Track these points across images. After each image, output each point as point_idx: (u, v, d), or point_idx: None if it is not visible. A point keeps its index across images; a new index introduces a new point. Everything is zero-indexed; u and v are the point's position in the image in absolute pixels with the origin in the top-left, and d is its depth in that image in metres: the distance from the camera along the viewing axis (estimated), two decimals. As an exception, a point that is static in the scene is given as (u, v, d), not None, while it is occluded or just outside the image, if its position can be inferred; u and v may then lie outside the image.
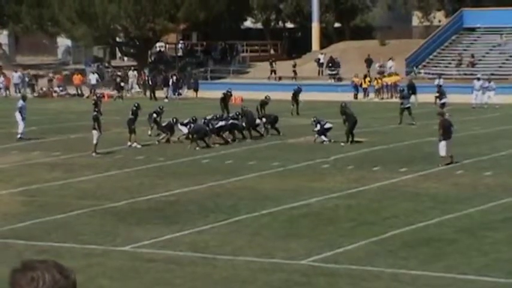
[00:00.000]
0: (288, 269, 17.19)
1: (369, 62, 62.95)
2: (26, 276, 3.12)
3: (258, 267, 17.32)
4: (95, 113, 34.01)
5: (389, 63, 62.01)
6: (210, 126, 34.24)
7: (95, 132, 31.94)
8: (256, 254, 18.18)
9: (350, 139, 34.02)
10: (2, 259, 17.72)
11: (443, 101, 46.75)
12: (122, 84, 60.38)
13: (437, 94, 48.63)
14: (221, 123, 35.01)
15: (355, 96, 56.58)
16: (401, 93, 44.45)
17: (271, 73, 65.71)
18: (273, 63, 65.92)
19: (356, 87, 57.45)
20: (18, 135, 36.42)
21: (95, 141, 31.78)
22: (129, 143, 34.14)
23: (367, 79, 57.76)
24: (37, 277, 3.11)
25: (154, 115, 36.46)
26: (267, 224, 21.09)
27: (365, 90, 57.44)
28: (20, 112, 36.87)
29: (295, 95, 46.61)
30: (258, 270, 17.16)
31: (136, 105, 35.78)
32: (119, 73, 63.84)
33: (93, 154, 31.59)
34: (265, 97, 42.14)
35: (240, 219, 21.55)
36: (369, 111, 46.89)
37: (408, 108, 41.25)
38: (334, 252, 18.33)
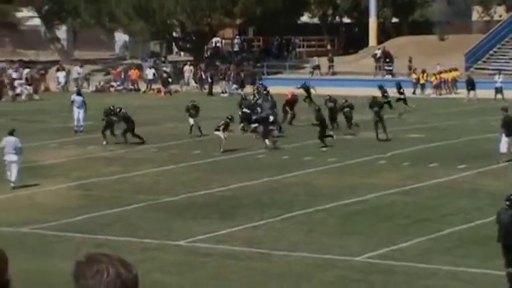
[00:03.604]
0: (343, 266, 17.08)
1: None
2: (91, 269, 3.14)
3: (313, 263, 17.24)
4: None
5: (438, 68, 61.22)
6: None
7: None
8: (311, 250, 18.09)
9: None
10: (60, 252, 17.92)
11: None
12: (170, 79, 60.58)
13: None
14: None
15: (414, 92, 56.08)
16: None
17: (329, 68, 65.48)
18: (332, 59, 65.76)
19: (414, 83, 56.96)
20: (75, 129, 36.92)
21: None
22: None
23: (425, 74, 57.19)
24: (101, 270, 3.14)
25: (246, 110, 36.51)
26: (323, 220, 20.98)
27: (422, 85, 56.90)
28: (77, 107, 37.36)
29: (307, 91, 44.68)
30: (314, 266, 17.09)
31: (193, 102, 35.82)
32: (166, 69, 64.05)
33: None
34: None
35: (295, 215, 21.48)
36: (426, 107, 46.42)
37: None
38: (390, 249, 18.16)
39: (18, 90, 55.00)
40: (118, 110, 34.29)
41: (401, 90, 44.67)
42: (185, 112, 35.34)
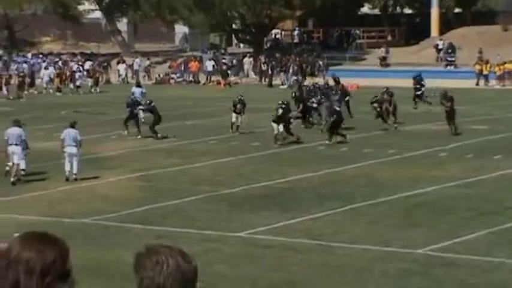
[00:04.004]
0: (405, 258, 16.87)
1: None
2: (151, 260, 3.13)
3: (374, 256, 17.06)
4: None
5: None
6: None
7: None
8: (372, 243, 17.91)
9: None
10: (120, 242, 18.02)
11: None
12: (229, 71, 60.63)
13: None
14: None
15: (477, 83, 55.34)
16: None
17: (383, 60, 64.91)
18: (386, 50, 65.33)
19: (478, 74, 56.20)
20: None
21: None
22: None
23: (488, 65, 56.35)
24: (161, 261, 3.12)
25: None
26: (384, 212, 20.76)
27: (486, 76, 56.08)
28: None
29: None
30: (375, 258, 16.90)
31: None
32: (225, 61, 64.14)
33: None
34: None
35: (356, 207, 21.30)
36: (490, 98, 45.74)
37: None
38: (452, 241, 17.89)
39: (78, 83, 55.59)
40: (149, 102, 34.30)
41: (422, 83, 42.30)
42: (232, 107, 34.10)
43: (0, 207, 21.89)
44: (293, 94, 37.72)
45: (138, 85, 39.63)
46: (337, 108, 32.72)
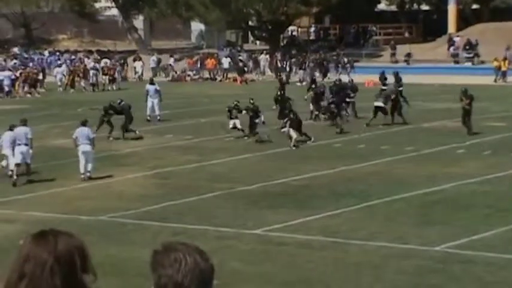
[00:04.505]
0: (422, 255, 16.81)
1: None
2: (169, 257, 3.12)
3: (390, 253, 17.01)
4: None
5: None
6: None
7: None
8: (389, 240, 17.85)
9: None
10: (137, 240, 18.05)
11: None
12: (245, 68, 60.61)
13: None
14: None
15: (495, 80, 55.11)
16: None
17: (391, 56, 64.78)
18: (394, 47, 65.25)
19: (496, 71, 55.94)
20: (147, 118, 37.10)
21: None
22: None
23: (506, 62, 56.09)
24: (179, 259, 3.12)
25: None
26: (400, 210, 20.70)
27: (504, 73, 55.82)
28: (150, 96, 37.65)
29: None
30: (391, 256, 16.86)
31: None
32: (241, 58, 64.13)
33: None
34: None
35: (372, 204, 21.24)
36: (508, 95, 45.51)
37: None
38: (469, 239, 17.81)
39: (93, 80, 55.75)
40: (119, 101, 33.44)
41: (385, 82, 41.03)
42: (227, 113, 32.80)
43: (18, 205, 21.97)
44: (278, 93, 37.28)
45: (152, 82, 39.60)
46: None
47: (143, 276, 12.36)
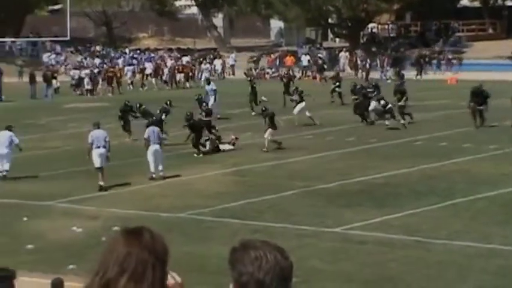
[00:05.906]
0: (506, 255, 16.43)
1: None
2: (249, 255, 3.10)
3: (474, 253, 16.66)
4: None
5: None
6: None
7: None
8: (473, 239, 17.48)
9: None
10: (217, 237, 18.03)
11: None
12: (325, 66, 60.27)
13: None
14: None
15: None
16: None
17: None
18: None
19: None
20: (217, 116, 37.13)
21: None
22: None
23: None
24: (260, 256, 3.10)
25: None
26: (484, 209, 20.27)
27: None
28: (207, 94, 38.04)
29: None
30: (475, 255, 16.50)
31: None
32: (321, 55, 63.80)
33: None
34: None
35: (454, 203, 20.84)
36: None
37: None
38: (556, 239, 17.32)
39: (164, 78, 56.26)
40: (138, 105, 33.21)
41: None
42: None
43: (99, 201, 22.19)
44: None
45: (208, 82, 39.98)
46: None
47: (221, 273, 12.31)
